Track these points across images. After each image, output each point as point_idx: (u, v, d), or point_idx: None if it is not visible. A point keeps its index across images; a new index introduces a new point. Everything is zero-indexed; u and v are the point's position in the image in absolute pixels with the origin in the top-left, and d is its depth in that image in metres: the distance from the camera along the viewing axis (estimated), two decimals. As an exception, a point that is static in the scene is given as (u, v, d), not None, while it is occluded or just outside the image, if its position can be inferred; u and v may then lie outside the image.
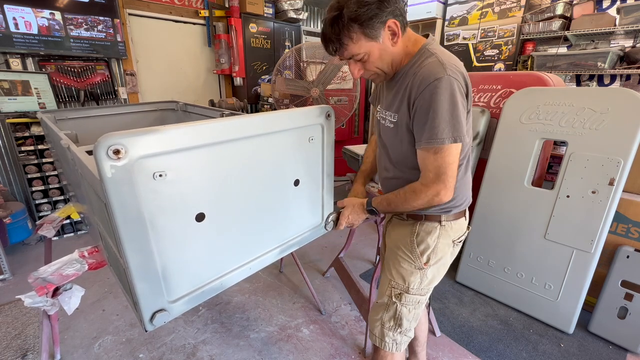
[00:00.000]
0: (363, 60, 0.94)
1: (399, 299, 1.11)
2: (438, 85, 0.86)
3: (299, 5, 4.55)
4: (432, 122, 0.88)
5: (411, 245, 1.09)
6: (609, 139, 1.67)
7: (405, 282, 1.10)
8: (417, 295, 1.11)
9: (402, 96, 0.96)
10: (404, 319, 1.11)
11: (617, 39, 3.11)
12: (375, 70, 0.98)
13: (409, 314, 1.12)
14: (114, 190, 0.67)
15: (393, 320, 1.12)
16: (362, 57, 0.93)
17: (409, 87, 0.92)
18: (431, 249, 1.07)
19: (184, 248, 0.84)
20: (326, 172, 1.20)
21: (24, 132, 2.71)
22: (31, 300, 1.14)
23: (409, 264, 1.09)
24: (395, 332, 1.13)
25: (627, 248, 1.78)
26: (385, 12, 0.87)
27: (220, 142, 0.83)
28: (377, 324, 1.16)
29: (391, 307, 1.12)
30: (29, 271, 1.39)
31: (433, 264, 1.08)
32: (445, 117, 0.87)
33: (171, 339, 1.85)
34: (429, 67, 0.89)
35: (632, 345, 1.77)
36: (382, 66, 0.96)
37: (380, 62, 0.95)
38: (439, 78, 0.86)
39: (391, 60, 0.96)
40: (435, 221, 1.07)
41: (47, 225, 1.68)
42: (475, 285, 2.27)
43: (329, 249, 2.85)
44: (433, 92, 0.86)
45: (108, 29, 3.22)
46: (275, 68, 3.26)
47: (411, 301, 1.10)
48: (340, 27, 0.88)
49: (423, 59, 0.93)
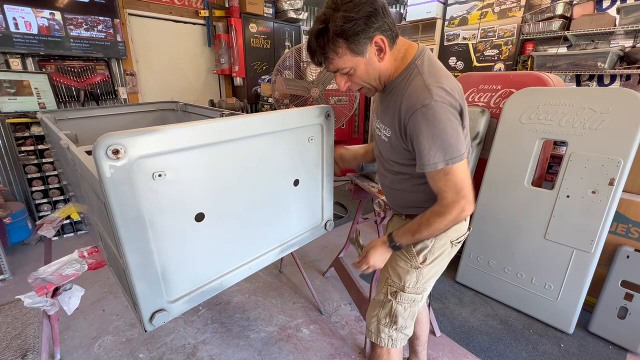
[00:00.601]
0: (349, 74, 0.94)
1: (394, 297, 1.12)
2: (426, 113, 0.85)
3: (299, 5, 4.55)
4: (430, 148, 0.87)
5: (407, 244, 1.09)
6: (609, 139, 1.67)
7: (401, 280, 1.11)
8: (412, 294, 1.11)
9: (393, 114, 0.95)
10: (399, 316, 1.12)
11: (617, 39, 3.11)
12: (362, 84, 0.97)
13: (405, 312, 1.13)
14: (113, 190, 0.67)
15: (388, 317, 1.14)
16: (348, 71, 0.92)
17: (399, 108, 0.92)
18: (428, 248, 1.07)
19: (183, 248, 0.84)
20: (326, 172, 1.20)
21: (24, 132, 2.71)
22: (31, 300, 1.14)
23: (405, 263, 1.10)
24: (391, 328, 1.14)
25: (627, 248, 1.78)
26: (372, 28, 0.85)
27: (220, 142, 0.83)
28: (373, 320, 1.17)
29: (387, 304, 1.13)
30: (29, 271, 1.40)
31: (429, 263, 1.08)
32: (440, 141, 0.86)
33: (171, 339, 1.85)
34: (415, 91, 0.88)
35: (632, 345, 1.77)
36: (368, 80, 0.96)
37: (366, 76, 0.94)
38: (425, 105, 0.85)
39: (378, 75, 0.95)
40: None
41: (47, 225, 1.68)
42: (475, 285, 2.27)
43: (329, 249, 2.85)
44: (422, 120, 0.86)
45: (108, 29, 3.22)
46: (275, 68, 3.26)
47: (407, 299, 1.11)
48: (325, 40, 0.87)
49: (410, 77, 0.92)
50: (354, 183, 1.99)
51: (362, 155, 1.37)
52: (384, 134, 1.03)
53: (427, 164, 0.89)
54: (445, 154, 0.87)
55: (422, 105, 0.85)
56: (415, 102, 0.86)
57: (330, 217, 1.29)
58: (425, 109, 0.85)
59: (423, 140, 0.87)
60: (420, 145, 0.88)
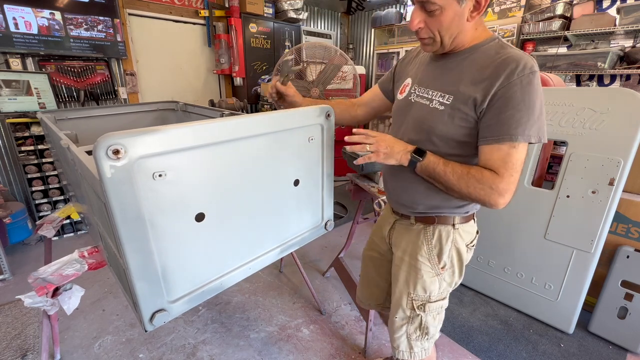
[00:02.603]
0: (431, 14, 0.82)
1: (422, 310, 1.06)
2: (534, 79, 0.78)
3: (299, 5, 4.55)
4: (521, 114, 0.79)
5: (428, 252, 1.03)
6: (609, 139, 1.67)
7: (426, 292, 1.05)
8: (439, 301, 1.07)
9: (469, 77, 0.85)
10: (430, 327, 1.08)
11: (617, 39, 3.11)
12: (434, 33, 0.86)
13: (434, 321, 1.09)
14: (114, 190, 0.67)
15: (419, 330, 1.09)
16: (435, 9, 0.81)
17: (490, 70, 0.82)
18: (447, 253, 1.02)
19: (183, 248, 0.84)
20: (326, 172, 1.20)
21: (24, 132, 2.71)
22: (31, 300, 1.14)
23: (428, 273, 1.04)
24: (423, 340, 1.10)
25: (627, 248, 1.78)
26: None
27: (220, 142, 0.83)
28: (402, 339, 1.11)
29: (415, 319, 1.08)
30: (29, 271, 1.40)
31: (449, 267, 1.04)
32: (536, 113, 0.80)
33: (171, 339, 1.85)
34: (522, 56, 0.80)
35: (632, 345, 1.77)
36: (444, 33, 0.85)
37: (447, 26, 0.83)
38: (534, 71, 0.78)
39: (458, 32, 0.85)
40: (448, 224, 1.01)
41: (47, 225, 1.68)
42: (475, 285, 2.27)
43: (329, 249, 2.85)
44: (530, 83, 0.78)
45: (108, 29, 3.22)
46: (275, 68, 3.26)
47: (435, 308, 1.07)
48: None
49: (500, 45, 0.85)
50: (354, 183, 1.99)
51: (306, 102, 1.22)
52: (437, 101, 0.91)
53: (513, 133, 0.79)
54: (530, 129, 0.79)
55: (531, 71, 0.78)
56: (523, 66, 0.78)
57: (331, 217, 1.29)
58: (533, 76, 0.78)
59: (520, 103, 0.78)
60: (515, 109, 0.79)
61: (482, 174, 0.84)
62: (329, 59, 3.02)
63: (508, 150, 0.81)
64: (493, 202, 0.85)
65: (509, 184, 0.82)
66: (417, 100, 0.98)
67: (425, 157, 0.89)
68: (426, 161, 0.89)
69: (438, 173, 0.89)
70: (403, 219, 1.10)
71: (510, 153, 0.81)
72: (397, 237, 1.13)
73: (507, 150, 0.81)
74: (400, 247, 1.11)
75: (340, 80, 3.23)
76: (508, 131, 0.80)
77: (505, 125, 0.80)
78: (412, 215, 1.06)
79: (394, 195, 1.10)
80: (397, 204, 1.10)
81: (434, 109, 0.92)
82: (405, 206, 1.07)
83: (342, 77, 3.21)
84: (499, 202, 0.84)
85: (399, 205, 1.09)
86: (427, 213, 1.02)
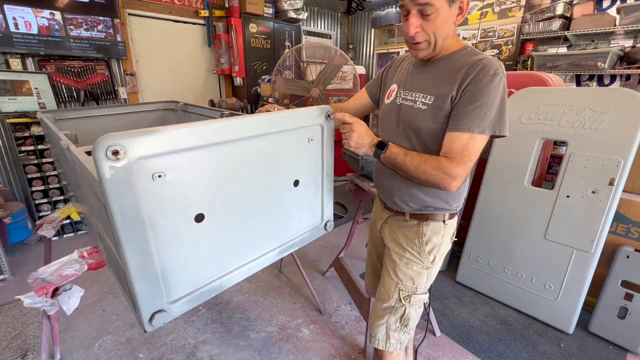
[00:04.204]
0: (428, 17, 0.91)
1: (407, 301, 1.12)
2: (495, 79, 0.89)
3: (299, 5, 4.55)
4: (480, 108, 0.90)
5: (420, 246, 1.10)
6: (609, 139, 1.67)
7: (414, 283, 1.12)
8: (422, 295, 1.14)
9: (446, 80, 0.96)
10: (411, 319, 1.14)
11: (617, 39, 3.11)
12: (429, 37, 0.94)
13: (415, 314, 1.14)
14: (113, 191, 0.67)
15: (400, 321, 1.14)
16: (430, 12, 0.89)
17: (462, 72, 0.93)
18: (437, 247, 1.10)
19: (183, 249, 0.84)
20: (326, 173, 1.20)
21: (24, 132, 2.71)
22: (31, 300, 1.14)
23: (418, 265, 1.11)
24: (401, 332, 1.15)
25: (627, 248, 1.78)
26: None
27: (220, 142, 0.83)
28: (381, 327, 1.16)
29: (399, 309, 1.13)
30: (28, 271, 1.40)
31: (437, 260, 1.12)
32: (494, 109, 0.90)
33: (171, 339, 1.85)
34: (489, 60, 0.92)
35: (632, 345, 1.77)
36: (437, 35, 0.94)
37: (440, 28, 0.93)
38: (498, 73, 0.90)
39: (446, 35, 0.95)
40: (439, 220, 1.09)
41: (46, 225, 1.68)
42: (475, 285, 2.27)
43: (329, 249, 2.85)
44: (491, 82, 0.89)
45: (108, 29, 3.22)
46: (275, 68, 3.26)
47: (418, 301, 1.13)
48: None
49: (473, 52, 0.97)
50: (354, 183, 1.99)
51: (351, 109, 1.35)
52: (420, 102, 1.01)
53: (470, 125, 0.91)
54: (486, 122, 0.90)
55: (495, 72, 0.89)
56: (489, 67, 0.90)
57: (331, 217, 1.29)
58: (496, 76, 0.89)
59: (480, 99, 0.90)
60: (475, 104, 0.90)
61: (437, 162, 0.94)
62: (329, 59, 3.02)
63: (467, 140, 0.92)
64: (447, 185, 0.95)
65: (462, 170, 0.93)
66: (403, 102, 1.08)
67: (387, 149, 1.00)
68: (388, 152, 1.00)
69: (399, 162, 0.99)
70: (397, 215, 1.16)
71: (469, 143, 0.92)
72: (390, 232, 1.20)
73: (467, 140, 0.92)
74: (392, 240, 1.17)
75: (340, 80, 3.23)
76: (467, 122, 0.91)
77: (467, 117, 0.91)
78: (407, 212, 1.12)
79: (388, 194, 1.16)
80: (391, 201, 1.16)
81: (418, 108, 1.02)
82: (399, 204, 1.13)
83: (342, 77, 3.21)
84: (452, 185, 0.94)
85: (393, 202, 1.15)
86: (421, 210, 1.10)
